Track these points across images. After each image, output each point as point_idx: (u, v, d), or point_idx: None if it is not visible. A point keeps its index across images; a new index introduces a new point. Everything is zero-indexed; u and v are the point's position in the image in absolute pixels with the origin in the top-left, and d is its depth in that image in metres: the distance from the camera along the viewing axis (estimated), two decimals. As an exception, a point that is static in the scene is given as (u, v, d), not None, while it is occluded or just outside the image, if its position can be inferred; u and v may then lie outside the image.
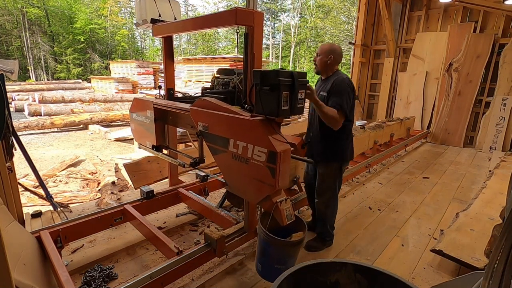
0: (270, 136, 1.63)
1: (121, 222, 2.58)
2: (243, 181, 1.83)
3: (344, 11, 27.41)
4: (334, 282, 1.22)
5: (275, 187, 1.65)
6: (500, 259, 0.79)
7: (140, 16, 2.64)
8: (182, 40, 34.56)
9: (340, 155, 2.36)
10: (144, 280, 1.75)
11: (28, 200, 3.96)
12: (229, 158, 1.85)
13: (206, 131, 1.99)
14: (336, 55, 2.25)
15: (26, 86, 15.92)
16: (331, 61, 2.25)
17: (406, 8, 7.71)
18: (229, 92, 2.25)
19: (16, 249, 1.75)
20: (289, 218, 1.75)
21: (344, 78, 2.23)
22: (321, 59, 2.28)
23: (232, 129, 1.82)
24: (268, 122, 1.70)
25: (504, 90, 6.10)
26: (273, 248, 1.81)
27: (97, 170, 5.39)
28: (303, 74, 1.74)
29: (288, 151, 1.66)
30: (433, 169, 4.96)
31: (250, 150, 1.71)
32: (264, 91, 1.66)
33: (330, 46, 2.29)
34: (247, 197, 2.01)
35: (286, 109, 1.68)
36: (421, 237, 2.84)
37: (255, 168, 1.70)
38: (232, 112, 1.84)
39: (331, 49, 2.26)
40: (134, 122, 2.79)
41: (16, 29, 26.01)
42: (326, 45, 2.30)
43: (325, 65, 2.28)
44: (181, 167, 2.42)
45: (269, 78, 1.63)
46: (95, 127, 9.29)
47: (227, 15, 1.85)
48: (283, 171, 1.64)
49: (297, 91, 1.69)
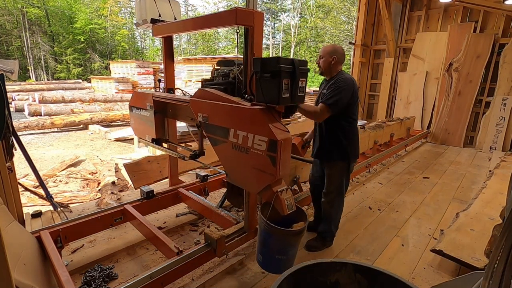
0: (270, 124, 1.62)
1: (121, 222, 2.58)
2: (244, 171, 1.82)
3: (344, 11, 27.41)
4: (334, 282, 1.22)
5: (276, 176, 1.63)
6: (500, 259, 0.79)
7: (140, 16, 2.64)
8: (182, 40, 34.58)
9: (346, 153, 2.36)
10: (144, 280, 1.75)
11: (28, 200, 3.96)
12: (229, 148, 1.84)
13: (206, 122, 1.98)
14: (339, 55, 2.28)
15: (26, 86, 15.92)
16: (335, 61, 2.28)
17: (406, 8, 7.71)
18: (229, 83, 2.23)
19: (16, 249, 1.75)
20: (290, 207, 1.73)
21: (347, 77, 2.24)
22: (324, 61, 2.30)
23: (232, 118, 1.81)
24: (268, 111, 1.69)
25: (504, 90, 6.10)
26: (274, 238, 1.79)
27: (97, 170, 5.39)
28: (304, 62, 1.73)
29: (289, 139, 1.64)
30: (433, 169, 4.96)
31: (250, 140, 1.70)
32: (265, 79, 1.64)
33: (332, 46, 2.32)
34: (247, 187, 1.99)
35: (286, 97, 1.66)
36: (421, 237, 2.84)
37: (256, 158, 1.69)
38: (232, 101, 1.83)
39: (334, 49, 2.29)
40: (133, 116, 2.78)
41: (16, 29, 26.02)
42: (329, 46, 2.32)
43: (329, 65, 2.30)
44: (181, 159, 2.41)
45: (269, 65, 1.61)
46: (95, 127, 9.29)
47: (227, 15, 1.85)
48: (283, 160, 1.63)
49: (298, 78, 1.68)
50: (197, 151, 2.30)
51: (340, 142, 2.33)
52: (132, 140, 7.55)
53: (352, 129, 2.37)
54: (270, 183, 1.70)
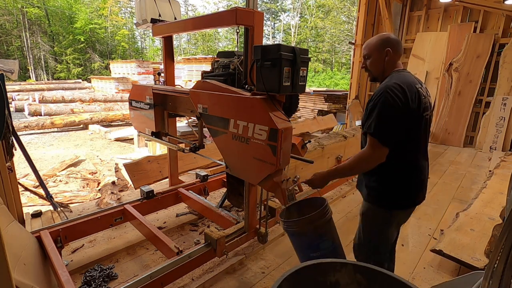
0: (271, 113, 1.60)
1: (121, 222, 2.58)
2: (244, 162, 1.80)
3: (344, 11, 27.42)
4: (334, 282, 1.21)
5: (277, 166, 1.61)
6: (500, 259, 0.79)
7: (140, 16, 2.64)
8: (182, 40, 34.58)
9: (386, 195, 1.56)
10: (144, 280, 1.75)
11: (28, 200, 3.96)
12: (229, 139, 1.83)
13: (206, 113, 1.97)
14: (392, 45, 1.52)
15: (26, 86, 15.92)
16: (390, 56, 1.53)
17: (406, 8, 7.70)
18: (229, 74, 2.21)
19: (16, 249, 1.75)
20: (291, 198, 1.70)
21: (389, 84, 1.43)
22: (374, 60, 1.57)
23: (232, 109, 1.79)
24: (269, 100, 1.67)
25: (504, 90, 6.09)
26: (295, 236, 1.67)
27: (97, 170, 5.39)
28: (305, 51, 1.70)
29: (290, 129, 1.62)
30: (433, 169, 4.96)
31: (250, 129, 1.68)
32: (265, 67, 1.61)
33: (380, 37, 1.55)
34: (248, 178, 1.97)
35: (287, 85, 1.64)
36: (421, 237, 2.84)
37: (256, 148, 1.68)
38: (232, 92, 1.82)
39: (384, 40, 1.53)
40: (133, 109, 2.78)
41: (16, 29, 26.01)
42: (374, 39, 1.57)
43: (383, 64, 1.56)
44: (181, 152, 2.40)
45: (270, 53, 1.58)
46: (95, 127, 9.29)
47: (227, 15, 1.85)
48: (284, 150, 1.61)
49: (299, 67, 1.65)
50: (197, 143, 2.29)
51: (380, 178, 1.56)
52: (132, 140, 7.55)
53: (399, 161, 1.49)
54: (270, 173, 1.68)
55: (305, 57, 1.69)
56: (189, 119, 4.25)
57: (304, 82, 1.75)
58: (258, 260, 2.41)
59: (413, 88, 1.44)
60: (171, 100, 2.49)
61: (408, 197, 1.57)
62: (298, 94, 1.83)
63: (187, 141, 2.62)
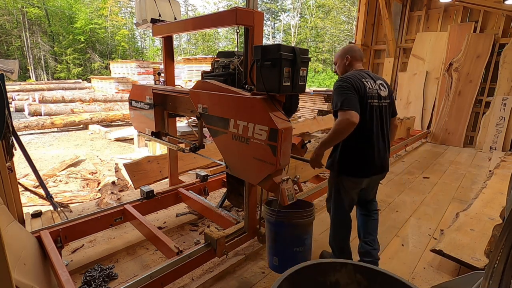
0: (271, 113, 1.61)
1: (121, 222, 2.58)
2: (244, 162, 1.81)
3: (344, 11, 27.44)
4: (334, 282, 1.22)
5: (277, 166, 1.62)
6: (500, 259, 0.79)
7: (140, 16, 2.64)
8: (182, 40, 34.58)
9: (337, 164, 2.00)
10: (144, 280, 1.75)
11: (28, 200, 3.95)
12: (230, 139, 1.83)
13: (206, 113, 1.97)
14: (351, 52, 2.06)
15: (26, 86, 15.91)
16: (349, 61, 2.06)
17: (406, 8, 7.71)
18: (229, 74, 2.21)
19: (16, 249, 1.75)
20: (291, 198, 1.71)
21: (342, 77, 1.93)
22: (339, 65, 2.11)
23: (232, 109, 1.80)
24: (269, 100, 1.68)
25: (504, 90, 6.09)
26: (288, 227, 1.72)
27: (97, 170, 5.39)
28: (305, 51, 1.71)
29: (290, 129, 1.63)
30: (433, 169, 4.96)
31: (250, 129, 1.69)
32: (265, 67, 1.62)
33: (343, 48, 2.14)
34: (248, 178, 1.98)
35: (287, 85, 1.64)
36: (421, 237, 2.84)
37: (256, 148, 1.68)
38: (232, 91, 1.82)
39: (345, 50, 2.09)
40: (133, 109, 2.78)
41: (16, 29, 26.02)
42: (340, 50, 2.15)
43: (345, 67, 2.08)
44: (181, 152, 2.40)
45: (270, 53, 1.59)
46: (95, 127, 9.28)
47: (227, 15, 1.85)
48: (284, 150, 1.62)
49: (299, 67, 1.66)
50: (197, 143, 2.29)
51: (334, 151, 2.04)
52: (132, 140, 7.55)
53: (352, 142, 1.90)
54: (270, 173, 1.69)
55: (305, 57, 1.70)
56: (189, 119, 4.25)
57: (304, 82, 1.75)
58: (258, 260, 2.41)
59: (358, 80, 1.89)
60: (171, 100, 2.49)
61: (353, 169, 1.97)
62: (298, 94, 1.84)
63: (187, 141, 2.62)
